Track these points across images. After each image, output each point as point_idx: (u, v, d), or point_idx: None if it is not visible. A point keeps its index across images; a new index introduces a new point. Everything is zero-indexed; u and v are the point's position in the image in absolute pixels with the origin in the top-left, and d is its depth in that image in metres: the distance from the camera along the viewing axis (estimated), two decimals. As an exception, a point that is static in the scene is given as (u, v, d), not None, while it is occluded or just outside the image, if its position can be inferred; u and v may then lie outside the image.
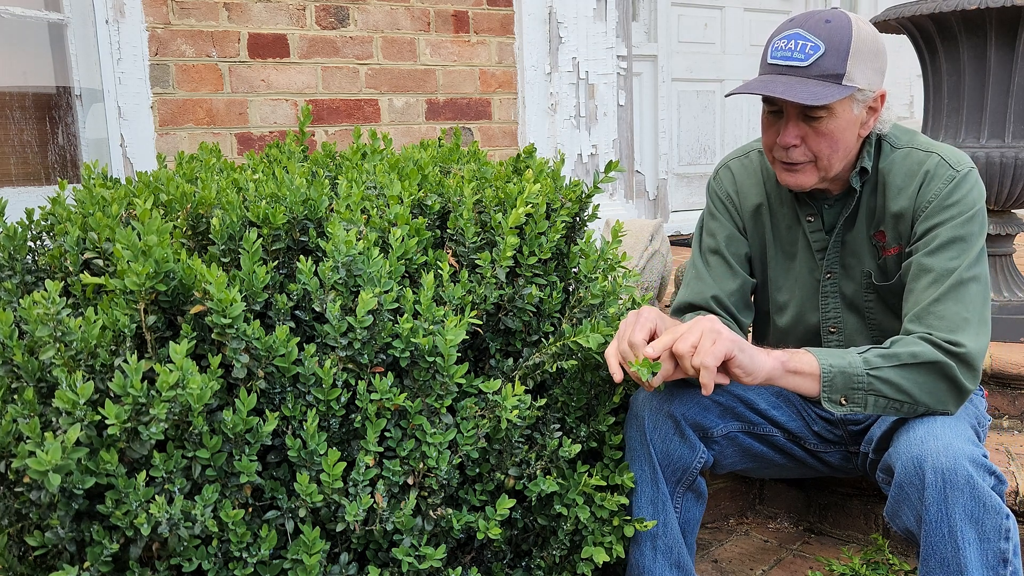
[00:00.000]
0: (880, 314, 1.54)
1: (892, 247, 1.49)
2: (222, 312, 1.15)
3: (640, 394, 1.48)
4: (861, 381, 1.31)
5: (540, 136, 3.52)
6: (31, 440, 1.05)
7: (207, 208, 1.35)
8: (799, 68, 1.37)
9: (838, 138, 1.41)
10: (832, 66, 1.36)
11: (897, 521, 1.31)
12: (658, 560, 1.47)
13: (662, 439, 1.46)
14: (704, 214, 1.69)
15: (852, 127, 1.42)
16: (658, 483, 1.46)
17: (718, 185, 1.66)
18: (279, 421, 1.21)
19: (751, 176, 1.63)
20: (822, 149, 1.42)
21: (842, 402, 1.32)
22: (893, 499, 1.30)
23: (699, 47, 4.68)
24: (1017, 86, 2.08)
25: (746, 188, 1.63)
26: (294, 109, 2.99)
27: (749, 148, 1.66)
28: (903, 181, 1.46)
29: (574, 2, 3.52)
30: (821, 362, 1.32)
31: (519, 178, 1.54)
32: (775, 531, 1.99)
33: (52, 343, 1.12)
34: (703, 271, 1.63)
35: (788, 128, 1.42)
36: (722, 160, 1.69)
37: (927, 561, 1.25)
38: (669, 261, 2.62)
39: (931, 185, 1.43)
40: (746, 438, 1.57)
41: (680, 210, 4.64)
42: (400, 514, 1.25)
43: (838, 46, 1.36)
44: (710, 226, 1.66)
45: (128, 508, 1.10)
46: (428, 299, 1.27)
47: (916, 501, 1.25)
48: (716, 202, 1.66)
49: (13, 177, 2.68)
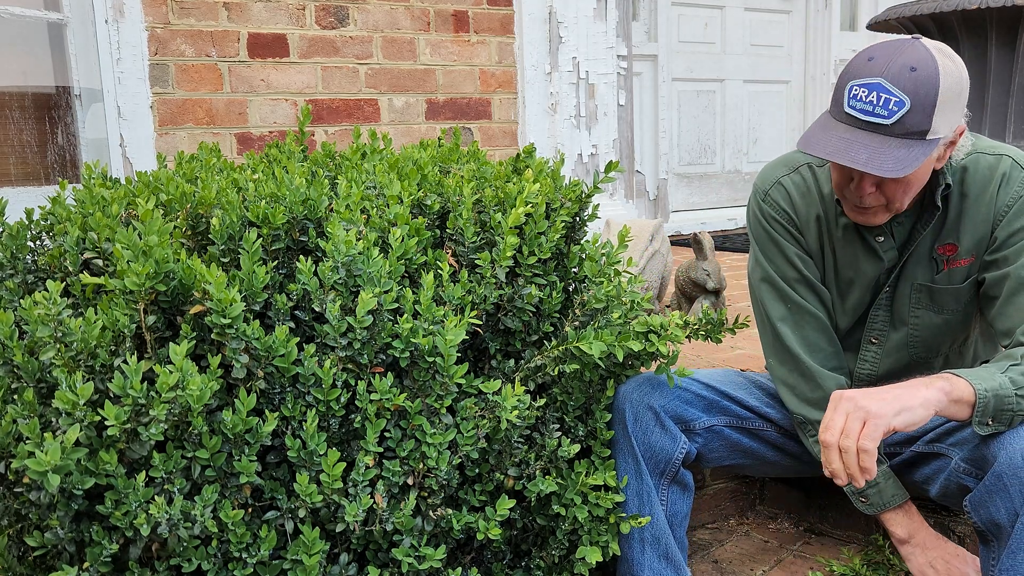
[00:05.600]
0: (925, 329, 1.52)
1: (964, 258, 1.44)
2: (222, 312, 1.15)
3: (622, 388, 1.50)
4: (1011, 402, 1.28)
5: (540, 136, 3.52)
6: (31, 440, 1.05)
7: (207, 208, 1.35)
8: (882, 127, 1.26)
9: (914, 184, 1.36)
10: (917, 123, 1.26)
11: (982, 511, 1.29)
12: (646, 551, 1.48)
13: (643, 431, 1.47)
14: (759, 246, 1.55)
15: (929, 167, 1.36)
16: (642, 475, 1.47)
17: (771, 207, 1.52)
18: (279, 421, 1.21)
19: (808, 191, 1.51)
20: (897, 195, 1.36)
21: (989, 423, 1.29)
22: (986, 488, 1.28)
23: (699, 47, 4.68)
24: (1017, 86, 2.08)
25: (803, 206, 1.52)
26: (294, 109, 2.99)
27: (794, 162, 1.53)
28: (978, 189, 1.41)
29: (574, 2, 3.52)
30: (976, 387, 1.27)
31: (519, 178, 1.54)
32: (775, 531, 1.99)
33: (52, 343, 1.12)
34: (797, 314, 1.52)
35: (863, 186, 1.35)
36: (764, 176, 1.55)
37: (1015, 555, 1.24)
38: (669, 261, 2.61)
39: (1008, 188, 1.39)
40: (733, 432, 1.57)
41: (680, 210, 4.64)
42: (400, 514, 1.25)
43: (924, 101, 1.25)
44: (784, 252, 1.52)
45: (128, 508, 1.10)
46: (428, 299, 1.26)
47: (1016, 494, 1.24)
48: (773, 226, 1.52)
49: (12, 177, 2.68)
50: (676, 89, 4.60)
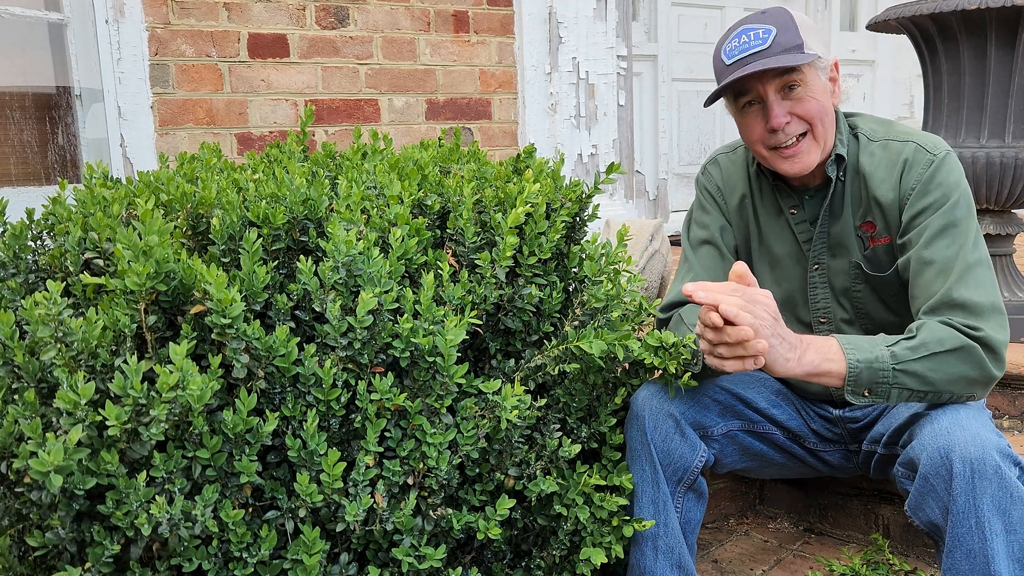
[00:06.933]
0: (869, 304, 1.55)
1: (882, 237, 1.51)
2: (222, 312, 1.15)
3: (640, 394, 1.49)
4: (886, 376, 1.31)
5: (540, 136, 3.52)
6: (32, 441, 1.05)
7: (207, 208, 1.35)
8: (762, 51, 1.41)
9: (822, 102, 1.45)
10: (790, 40, 1.41)
11: (920, 514, 1.30)
12: (659, 561, 1.47)
13: (663, 438, 1.46)
14: (693, 208, 1.71)
15: (825, 95, 1.46)
16: (659, 483, 1.46)
17: (707, 179, 1.69)
18: (279, 421, 1.21)
19: (738, 170, 1.65)
20: (812, 112, 1.45)
21: (865, 394, 1.32)
22: (917, 492, 1.29)
23: (699, 47, 4.68)
24: (1017, 86, 2.08)
25: (732, 181, 1.65)
26: (294, 109, 2.99)
27: (737, 144, 1.67)
28: (885, 172, 1.48)
29: (574, 2, 3.52)
30: (848, 357, 1.32)
31: (519, 178, 1.54)
32: (775, 531, 1.99)
33: (53, 343, 1.12)
34: (694, 263, 1.63)
35: (773, 109, 1.44)
36: (711, 155, 1.72)
37: (952, 553, 1.23)
38: (669, 261, 2.62)
39: (911, 172, 1.45)
40: (746, 436, 1.57)
41: (680, 210, 4.63)
42: (400, 514, 1.25)
43: (787, 24, 1.42)
44: (701, 219, 1.67)
45: (129, 508, 1.11)
46: (428, 299, 1.27)
47: (943, 492, 1.24)
48: (705, 195, 1.68)
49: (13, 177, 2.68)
50: (676, 89, 4.60)
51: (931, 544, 1.79)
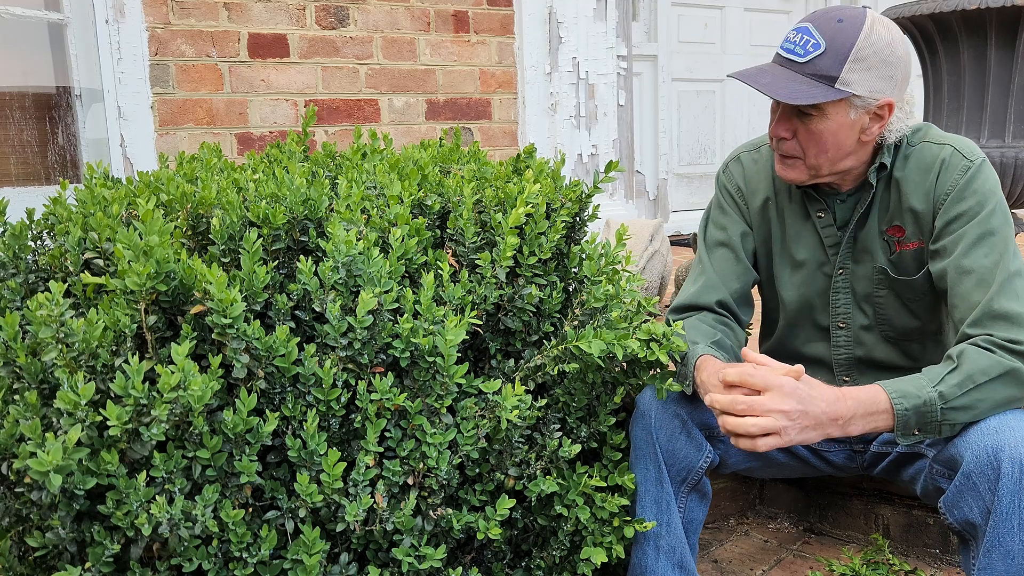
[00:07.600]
0: (891, 309, 1.53)
1: (911, 242, 1.48)
2: (222, 312, 1.15)
3: (646, 392, 1.48)
4: (935, 416, 1.29)
5: (540, 136, 3.52)
6: (32, 441, 1.05)
7: (207, 208, 1.35)
8: (795, 64, 1.38)
9: (827, 140, 1.41)
10: (827, 67, 1.35)
11: (956, 512, 1.29)
12: (660, 560, 1.47)
13: (668, 438, 1.46)
14: (711, 206, 1.66)
15: (847, 131, 1.41)
16: (663, 482, 1.46)
17: (728, 178, 1.64)
18: (279, 421, 1.21)
19: (761, 170, 1.61)
20: (809, 148, 1.42)
21: (915, 433, 1.31)
22: (956, 489, 1.28)
23: (699, 47, 4.68)
24: (1017, 86, 2.08)
25: (755, 182, 1.61)
26: (294, 109, 2.99)
27: (761, 142, 1.63)
28: (919, 176, 1.45)
29: (574, 2, 3.52)
30: (896, 407, 1.29)
31: (519, 178, 1.54)
32: (775, 531, 1.99)
33: (54, 344, 1.12)
34: (708, 267, 1.60)
35: (779, 121, 1.43)
36: (733, 152, 1.67)
37: (990, 552, 1.23)
38: (669, 261, 2.62)
39: (947, 176, 1.42)
40: None
41: (680, 210, 4.64)
42: (400, 514, 1.25)
43: (839, 49, 1.35)
44: (719, 220, 1.63)
45: (129, 508, 1.11)
46: (428, 299, 1.27)
47: (986, 491, 1.24)
48: (725, 195, 1.64)
49: (13, 177, 2.68)
50: (676, 89, 4.60)
51: (932, 544, 1.80)
